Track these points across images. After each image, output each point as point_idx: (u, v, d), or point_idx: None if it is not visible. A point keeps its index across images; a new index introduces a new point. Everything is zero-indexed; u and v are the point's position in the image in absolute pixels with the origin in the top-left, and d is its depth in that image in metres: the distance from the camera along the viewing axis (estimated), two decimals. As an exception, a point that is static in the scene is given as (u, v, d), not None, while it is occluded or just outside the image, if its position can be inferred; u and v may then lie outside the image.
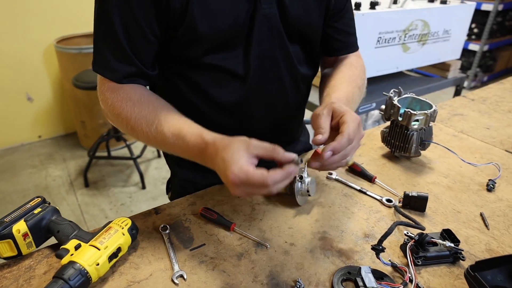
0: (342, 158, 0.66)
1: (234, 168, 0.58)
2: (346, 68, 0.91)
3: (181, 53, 0.79)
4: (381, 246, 0.66)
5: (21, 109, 3.07)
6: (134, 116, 0.72)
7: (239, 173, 0.57)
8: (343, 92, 0.82)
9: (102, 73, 0.76)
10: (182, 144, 0.68)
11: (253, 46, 0.78)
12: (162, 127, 0.70)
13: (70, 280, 0.57)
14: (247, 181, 0.57)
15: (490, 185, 0.91)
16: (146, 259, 0.68)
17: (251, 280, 0.64)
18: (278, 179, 0.59)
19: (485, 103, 1.44)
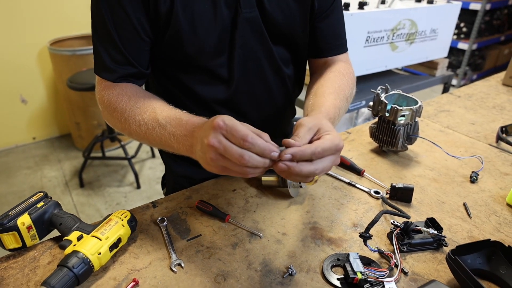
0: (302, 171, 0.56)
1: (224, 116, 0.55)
2: (335, 76, 0.88)
3: (168, 55, 0.82)
4: (368, 234, 0.69)
5: (15, 111, 3.07)
6: (129, 108, 0.73)
7: (225, 119, 0.54)
8: (330, 105, 0.77)
9: (99, 73, 0.79)
10: (174, 123, 0.67)
11: (236, 49, 0.81)
12: (155, 113, 0.70)
13: (74, 268, 0.60)
14: (231, 128, 0.53)
15: (473, 177, 0.95)
16: (145, 249, 0.72)
17: (246, 267, 0.68)
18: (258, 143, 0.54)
19: (471, 100, 1.49)
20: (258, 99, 0.89)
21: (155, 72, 0.88)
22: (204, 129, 0.57)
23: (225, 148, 0.53)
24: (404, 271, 0.68)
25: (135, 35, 0.75)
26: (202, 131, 0.58)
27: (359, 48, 1.74)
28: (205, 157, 0.57)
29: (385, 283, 0.65)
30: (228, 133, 0.54)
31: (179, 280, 0.65)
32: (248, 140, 0.53)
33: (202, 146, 0.57)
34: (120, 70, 0.77)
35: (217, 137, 0.54)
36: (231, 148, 0.53)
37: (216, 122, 0.54)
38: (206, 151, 0.56)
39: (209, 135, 0.55)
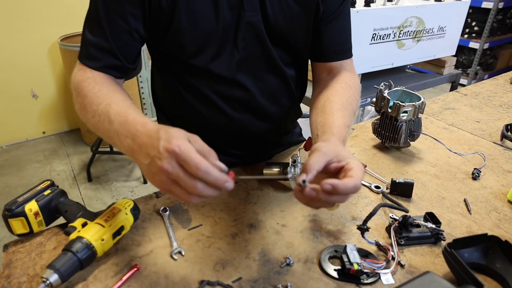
0: (333, 200, 0.58)
1: (180, 141, 0.52)
2: (342, 89, 0.85)
3: (169, 54, 0.83)
4: (366, 226, 0.70)
5: (26, 106, 3.13)
6: (90, 95, 0.70)
7: (182, 145, 0.51)
8: (341, 124, 0.74)
9: (82, 60, 0.77)
10: (120, 119, 0.63)
11: (238, 51, 0.82)
12: (109, 107, 0.66)
13: (78, 253, 0.62)
14: (186, 156, 0.51)
15: (475, 173, 0.96)
16: (147, 238, 0.73)
17: (244, 256, 0.69)
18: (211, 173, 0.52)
19: (477, 98, 1.48)
20: (261, 98, 0.90)
21: (159, 68, 0.90)
22: (157, 149, 0.53)
23: (178, 176, 0.52)
24: (401, 264, 0.69)
25: (125, 29, 0.75)
26: (153, 148, 0.54)
27: (365, 45, 1.74)
28: (152, 175, 0.55)
29: (381, 275, 0.66)
30: (183, 161, 0.51)
31: (179, 268, 0.67)
32: (201, 169, 0.51)
33: (152, 165, 0.54)
34: (104, 59, 0.76)
35: (171, 163, 0.52)
36: (185, 178, 0.52)
37: (172, 148, 0.51)
38: (156, 172, 0.54)
39: (162, 158, 0.52)
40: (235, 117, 0.90)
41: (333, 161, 0.61)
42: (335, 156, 0.62)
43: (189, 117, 0.93)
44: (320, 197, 0.56)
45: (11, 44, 2.87)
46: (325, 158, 0.60)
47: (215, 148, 0.98)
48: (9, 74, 2.96)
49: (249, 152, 1.01)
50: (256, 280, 0.64)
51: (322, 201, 0.58)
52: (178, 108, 0.94)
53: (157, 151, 0.53)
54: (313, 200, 0.58)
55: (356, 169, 0.59)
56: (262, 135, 0.97)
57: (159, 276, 0.65)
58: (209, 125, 0.92)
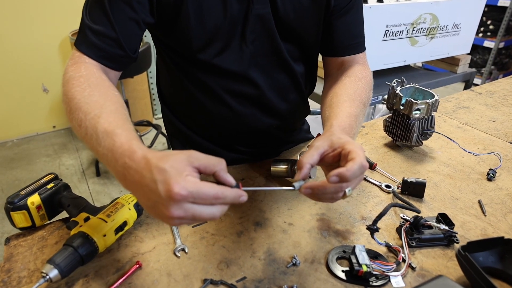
0: (342, 188, 0.57)
1: (180, 179, 0.46)
2: (350, 82, 0.82)
3: (176, 47, 0.81)
4: (375, 226, 0.68)
5: (37, 100, 3.15)
6: (79, 98, 0.62)
7: (186, 184, 0.46)
8: (344, 115, 0.72)
9: (80, 47, 0.70)
10: (108, 142, 0.55)
11: (246, 45, 0.80)
12: (98, 120, 0.57)
13: (79, 248, 0.61)
14: (197, 194, 0.46)
15: (491, 174, 0.92)
16: (151, 234, 0.72)
17: (249, 255, 0.67)
18: (229, 196, 0.49)
19: (493, 97, 1.44)
20: (269, 94, 0.88)
21: (165, 62, 0.88)
22: (157, 194, 0.47)
23: (194, 215, 0.48)
24: (412, 266, 0.66)
25: (132, 17, 0.70)
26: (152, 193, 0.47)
27: (377, 42, 1.71)
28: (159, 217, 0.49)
29: (391, 277, 0.63)
30: (197, 199, 0.47)
31: (182, 265, 0.65)
32: (220, 197, 0.48)
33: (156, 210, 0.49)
34: (106, 49, 0.70)
35: (182, 207, 0.46)
36: (202, 214, 0.48)
37: (177, 193, 0.45)
38: (165, 218, 0.48)
39: (169, 205, 0.46)
40: (242, 113, 0.88)
41: (328, 152, 0.61)
42: (329, 146, 0.61)
43: (195, 113, 0.91)
44: (322, 191, 0.57)
45: (22, 39, 2.89)
46: (317, 151, 0.60)
47: (221, 145, 0.98)
48: (20, 68, 2.98)
49: (256, 149, 0.98)
50: (261, 280, 0.62)
51: (331, 193, 0.57)
52: (184, 103, 0.93)
53: (159, 197, 0.47)
54: (323, 194, 0.58)
55: (355, 150, 0.57)
56: (270, 132, 0.94)
57: (162, 273, 0.63)
58: (215, 121, 0.90)
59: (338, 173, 0.55)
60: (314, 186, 0.57)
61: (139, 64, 2.53)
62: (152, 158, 0.49)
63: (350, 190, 0.58)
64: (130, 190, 0.52)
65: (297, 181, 0.59)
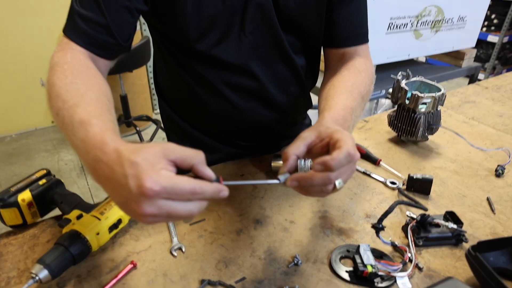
0: (330, 180, 0.52)
1: (152, 173, 0.42)
2: (349, 74, 0.78)
3: (173, 37, 0.78)
4: (381, 225, 0.65)
5: (36, 95, 3.12)
6: (60, 85, 0.59)
7: (159, 179, 0.41)
8: (340, 107, 0.68)
9: (68, 33, 0.67)
10: (82, 133, 0.50)
11: (245, 36, 0.76)
12: (75, 109, 0.54)
13: (70, 247, 0.58)
14: (172, 189, 0.42)
15: (499, 170, 0.89)
16: (146, 232, 0.69)
17: (249, 254, 0.65)
18: (208, 191, 0.45)
19: (499, 91, 1.41)
20: (269, 87, 0.84)
21: (162, 53, 0.85)
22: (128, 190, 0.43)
23: (169, 212, 0.43)
24: (419, 267, 0.63)
25: (125, 5, 0.67)
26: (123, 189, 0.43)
27: (381, 35, 1.67)
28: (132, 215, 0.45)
29: (397, 278, 0.60)
30: (171, 195, 0.43)
31: (178, 265, 0.62)
32: (198, 192, 0.44)
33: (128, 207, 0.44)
34: (95, 36, 0.66)
35: (155, 204, 0.42)
36: (177, 211, 0.44)
37: (149, 189, 0.41)
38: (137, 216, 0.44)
39: (140, 202, 0.42)
40: (241, 106, 0.85)
41: (315, 142, 0.57)
42: (317, 136, 0.57)
43: (194, 106, 0.88)
44: (309, 183, 0.52)
45: (19, 32, 2.86)
46: (304, 141, 0.57)
47: (220, 139, 0.95)
48: (18, 62, 2.95)
49: (256, 143, 0.95)
50: (261, 280, 0.60)
51: (319, 185, 0.52)
52: (182, 97, 0.90)
53: (129, 193, 0.42)
54: (310, 187, 0.53)
55: (342, 139, 0.53)
56: (270, 126, 0.91)
57: (157, 274, 0.61)
58: (214, 114, 0.87)
59: (322, 161, 0.51)
60: (301, 178, 0.53)
61: (138, 58, 2.49)
62: (124, 151, 0.45)
63: (340, 183, 0.53)
64: (102, 186, 0.48)
65: (282, 173, 0.55)
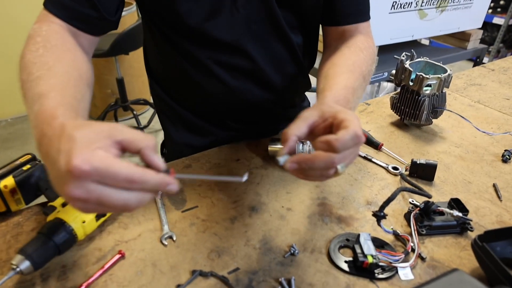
0: (334, 163, 0.47)
1: (84, 151, 0.36)
2: (350, 53, 0.75)
3: (160, 13, 0.73)
4: (382, 213, 0.62)
5: (31, 78, 3.07)
6: (28, 58, 0.56)
7: (92, 158, 0.36)
8: (341, 87, 0.64)
9: (47, 6, 0.65)
10: (36, 107, 0.47)
11: (238, 10, 0.71)
12: (38, 82, 0.51)
13: (54, 236, 0.55)
14: (106, 172, 0.37)
15: (506, 155, 0.85)
16: (136, 220, 0.66)
17: (243, 243, 0.62)
18: (149, 181, 0.39)
19: (506, 73, 1.36)
20: (263, 66, 0.80)
21: (150, 30, 0.80)
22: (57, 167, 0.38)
23: (99, 199, 0.38)
24: (422, 257, 0.60)
25: None
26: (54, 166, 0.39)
27: (384, 14, 1.61)
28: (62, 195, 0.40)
29: (399, 269, 0.57)
30: (104, 178, 0.37)
31: (168, 255, 0.59)
32: (136, 181, 0.38)
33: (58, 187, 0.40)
34: (75, 7, 0.63)
35: (83, 187, 0.37)
36: (111, 199, 0.38)
37: (77, 167, 0.35)
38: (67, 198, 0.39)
39: (67, 182, 0.36)
40: (235, 86, 0.80)
41: (317, 122, 0.52)
42: (319, 116, 0.52)
43: (185, 87, 0.84)
44: (309, 165, 0.47)
45: (11, 14, 2.78)
46: (305, 122, 0.52)
47: (214, 121, 0.90)
48: (12, 45, 2.87)
49: (251, 126, 0.91)
50: (255, 271, 0.57)
51: (321, 168, 0.48)
52: (173, 77, 0.85)
53: (59, 170, 0.37)
54: (311, 170, 0.48)
55: (348, 119, 0.49)
56: (266, 107, 0.87)
57: (146, 264, 0.58)
58: (205, 95, 0.83)
59: (326, 140, 0.47)
60: (302, 160, 0.48)
61: (134, 40, 2.42)
62: (68, 126, 0.40)
63: (343, 167, 0.49)
64: (44, 163, 0.43)
65: (281, 155, 0.50)
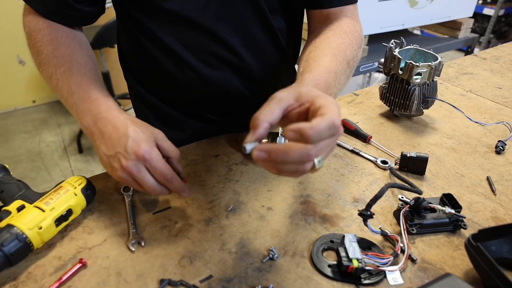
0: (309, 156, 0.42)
1: (148, 145, 0.53)
2: (334, 35, 0.69)
3: None
4: (369, 212, 0.57)
5: (13, 73, 2.97)
6: (46, 52, 0.63)
7: (151, 151, 0.53)
8: (323, 69, 0.60)
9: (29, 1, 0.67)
10: (81, 94, 0.59)
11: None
12: (69, 73, 0.61)
13: (3, 246, 0.49)
14: (155, 163, 0.53)
15: (500, 146, 0.81)
16: (102, 223, 0.60)
17: (218, 248, 0.56)
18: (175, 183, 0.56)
19: (498, 62, 1.32)
20: (241, 52, 0.74)
21: (120, 15, 0.74)
22: (124, 147, 0.53)
23: (142, 179, 0.53)
24: (412, 258, 0.56)
25: None
26: (119, 145, 0.53)
27: (373, 2, 1.55)
28: (110, 167, 0.55)
29: (387, 273, 0.53)
30: (150, 167, 0.53)
31: (135, 262, 0.54)
32: (167, 178, 0.55)
33: (114, 159, 0.54)
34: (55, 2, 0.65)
35: (137, 166, 0.53)
36: (146, 181, 0.54)
37: (142, 154, 0.52)
38: (118, 168, 0.54)
39: (129, 159, 0.52)
40: (209, 75, 0.74)
41: (293, 106, 0.46)
42: (295, 99, 0.46)
43: (156, 76, 0.78)
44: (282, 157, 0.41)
45: (-8, 6, 2.68)
46: (279, 104, 0.46)
47: (189, 113, 0.84)
48: (-8, 39, 2.78)
49: (230, 118, 0.85)
50: (229, 279, 0.51)
51: (294, 162, 0.42)
52: (143, 65, 0.79)
53: (124, 150, 0.52)
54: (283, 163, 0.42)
55: (326, 105, 0.43)
56: (245, 98, 0.81)
57: (110, 273, 0.52)
58: (179, 86, 0.77)
59: (298, 128, 0.41)
60: (272, 149, 0.42)
61: (118, 33, 2.35)
62: (128, 119, 0.56)
63: (320, 162, 0.43)
64: (93, 137, 0.56)
65: (248, 142, 0.44)
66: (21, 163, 2.46)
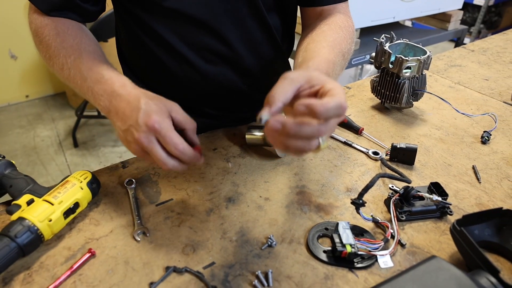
0: (320, 131, 0.45)
1: (159, 117, 0.53)
2: (330, 29, 0.73)
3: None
4: (361, 200, 0.60)
5: (6, 68, 2.95)
6: (55, 45, 0.65)
7: (162, 122, 0.52)
8: (323, 59, 0.63)
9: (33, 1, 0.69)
10: (94, 77, 0.60)
11: None
12: (80, 60, 0.62)
13: (17, 238, 0.52)
14: (166, 134, 0.52)
15: (485, 137, 0.85)
16: (108, 215, 0.63)
17: (219, 236, 0.60)
18: (188, 153, 0.55)
19: (486, 54, 1.35)
20: (238, 48, 0.76)
21: (119, 12, 0.76)
22: (135, 119, 0.53)
23: (152, 150, 0.53)
24: (402, 243, 0.60)
25: None
26: (131, 118, 0.54)
27: (365, -4, 1.58)
28: (126, 141, 0.56)
29: (379, 257, 0.57)
30: (161, 138, 0.53)
31: (141, 251, 0.57)
32: (179, 149, 0.53)
33: (127, 133, 0.55)
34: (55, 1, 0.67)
35: (148, 137, 0.53)
36: (158, 153, 0.53)
37: (152, 124, 0.52)
38: (131, 141, 0.54)
39: (140, 131, 0.52)
40: (206, 70, 0.77)
41: (304, 88, 0.50)
42: (307, 81, 0.50)
43: (155, 72, 0.80)
44: (295, 130, 0.44)
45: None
46: (292, 85, 0.49)
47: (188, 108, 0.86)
48: (-16, 33, 2.76)
49: (228, 112, 0.88)
50: (231, 265, 0.55)
51: (305, 137, 0.45)
52: (142, 61, 0.82)
53: (135, 122, 0.53)
54: (287, 136, 0.45)
55: (336, 89, 0.47)
56: (242, 92, 0.84)
57: (118, 262, 0.55)
58: (177, 80, 0.79)
59: (310, 103, 0.44)
60: (287, 121, 0.44)
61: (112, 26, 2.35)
62: (143, 92, 0.57)
63: (324, 140, 0.47)
64: (110, 115, 0.58)
65: (264, 114, 0.47)
66: (17, 158, 2.46)
